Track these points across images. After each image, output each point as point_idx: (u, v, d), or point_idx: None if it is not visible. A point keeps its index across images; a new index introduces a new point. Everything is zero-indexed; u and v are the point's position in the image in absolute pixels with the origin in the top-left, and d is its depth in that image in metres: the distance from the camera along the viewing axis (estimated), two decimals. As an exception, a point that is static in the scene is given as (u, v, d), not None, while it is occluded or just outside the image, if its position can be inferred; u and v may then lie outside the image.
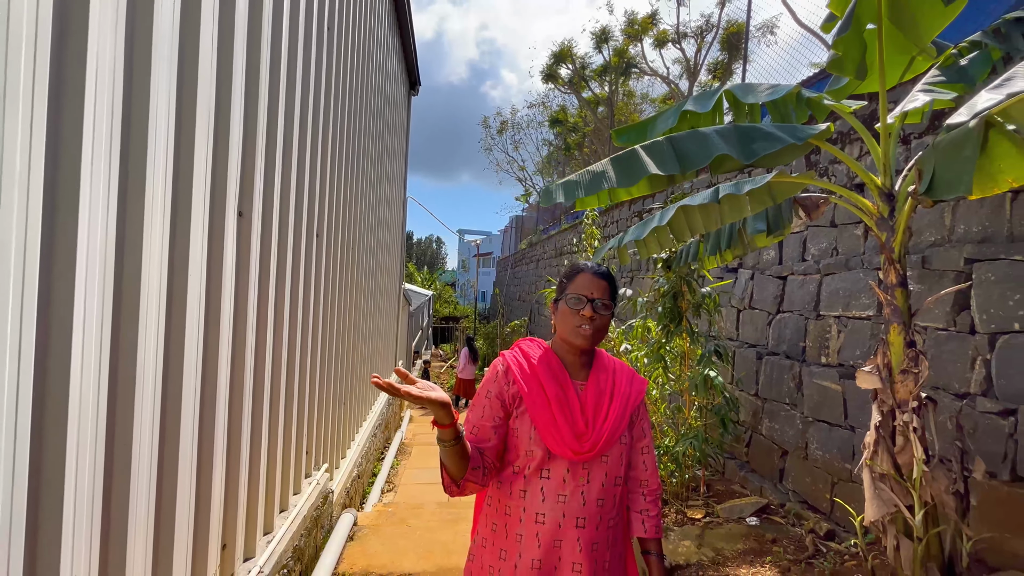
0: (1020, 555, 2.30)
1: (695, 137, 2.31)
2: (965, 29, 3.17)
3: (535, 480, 1.17)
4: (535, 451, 1.17)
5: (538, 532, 1.15)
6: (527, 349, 1.28)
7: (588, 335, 1.20)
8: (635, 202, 7.97)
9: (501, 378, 1.22)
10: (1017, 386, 2.46)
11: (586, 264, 1.27)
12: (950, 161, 1.64)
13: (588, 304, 1.20)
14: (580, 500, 1.17)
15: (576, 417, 1.19)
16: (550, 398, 1.18)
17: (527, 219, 24.07)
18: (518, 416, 1.19)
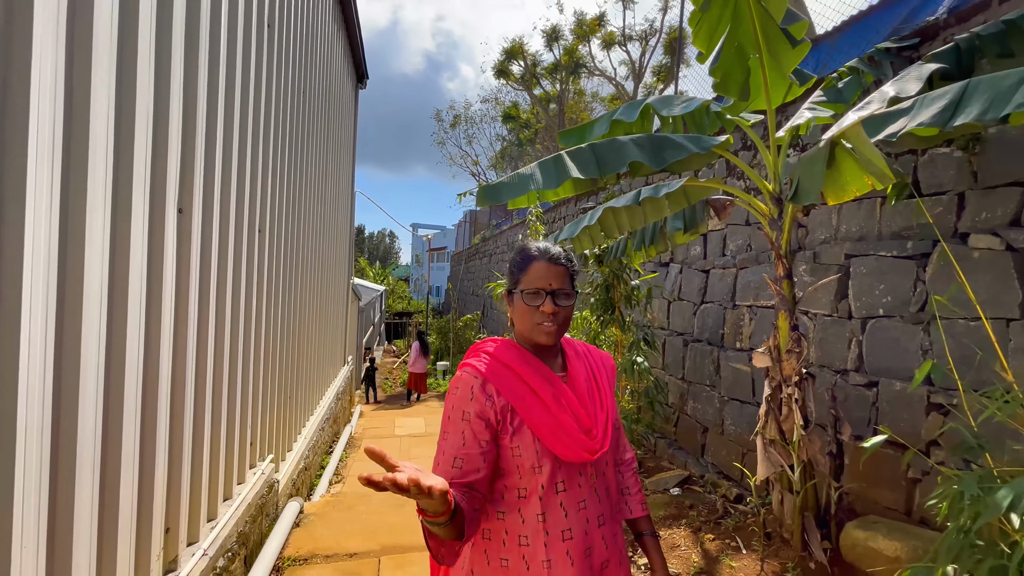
0: (879, 502, 2.74)
1: (613, 145, 2.57)
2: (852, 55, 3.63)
3: (552, 497, 1.02)
4: (544, 464, 1.02)
5: (568, 550, 1.02)
6: (493, 351, 1.10)
7: (552, 332, 1.06)
8: (580, 200, 8.31)
9: (479, 394, 1.02)
10: (881, 362, 2.90)
11: (538, 248, 1.10)
12: (807, 173, 1.97)
13: (548, 298, 1.05)
14: (596, 499, 1.08)
15: (579, 413, 1.06)
16: (546, 401, 1.04)
17: (481, 214, 24.18)
18: (515, 432, 1.02)
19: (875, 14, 3.70)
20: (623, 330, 4.17)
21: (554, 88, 19.90)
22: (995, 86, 1.65)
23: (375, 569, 2.64)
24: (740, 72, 2.27)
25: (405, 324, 23.21)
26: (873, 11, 3.73)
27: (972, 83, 1.74)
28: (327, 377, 6.03)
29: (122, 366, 1.62)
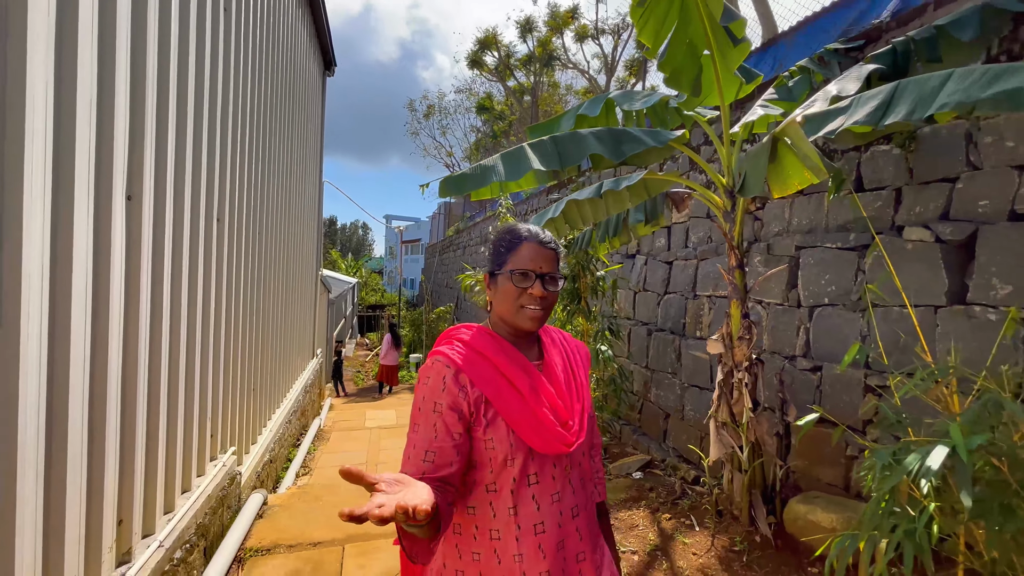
0: (821, 479, 2.91)
1: (574, 138, 2.62)
2: (806, 54, 3.77)
3: (524, 490, 0.99)
4: (517, 457, 0.98)
5: (540, 544, 0.98)
6: (468, 339, 1.05)
7: (538, 317, 1.02)
8: (551, 191, 8.38)
9: (451, 384, 0.97)
10: (825, 348, 3.07)
11: (529, 230, 1.06)
12: (752, 167, 2.06)
13: (537, 281, 1.01)
14: (570, 489, 1.04)
15: (556, 405, 1.03)
16: (522, 391, 1.00)
17: (455, 206, 24.03)
18: (489, 424, 0.98)
19: (827, 16, 3.85)
20: (589, 320, 4.26)
21: (528, 80, 19.87)
22: (921, 88, 1.77)
23: (339, 557, 2.66)
24: (692, 68, 2.34)
25: (378, 317, 22.95)
26: (826, 13, 3.88)
27: (902, 84, 1.86)
28: (295, 370, 5.95)
29: (67, 357, 1.59)
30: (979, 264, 2.36)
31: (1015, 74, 1.52)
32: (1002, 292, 2.25)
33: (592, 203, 3.36)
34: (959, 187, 2.52)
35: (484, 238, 12.85)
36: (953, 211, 2.54)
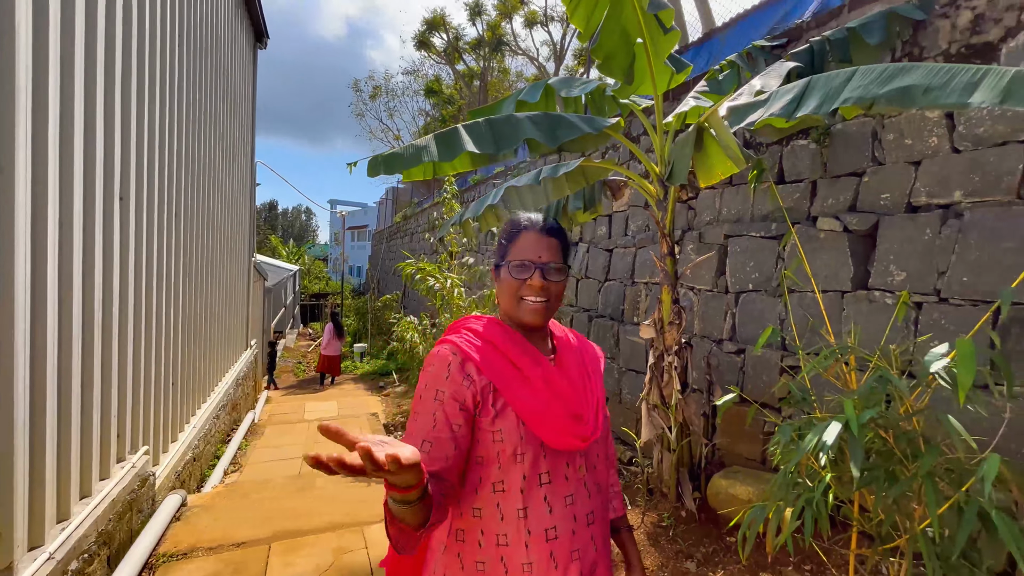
0: (742, 455, 3.09)
1: (509, 121, 2.58)
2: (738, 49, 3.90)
3: (535, 490, 0.92)
4: (527, 452, 0.92)
5: (552, 551, 0.91)
6: (477, 328, 1.00)
7: (540, 309, 0.96)
8: (497, 177, 8.32)
9: (456, 373, 0.92)
10: (749, 332, 3.24)
11: (528, 219, 1.00)
12: (679, 156, 2.11)
13: (536, 271, 0.95)
14: (585, 493, 0.97)
15: (568, 397, 0.97)
16: (533, 381, 0.95)
17: (403, 191, 23.41)
18: (498, 414, 0.92)
19: (756, 14, 4.01)
20: (530, 307, 4.28)
21: (477, 65, 19.55)
22: (829, 83, 1.86)
23: (264, 557, 2.54)
24: (625, 56, 2.36)
25: (322, 306, 22.10)
26: (755, 11, 4.04)
27: (813, 80, 1.95)
28: (225, 361, 5.60)
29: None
30: (880, 252, 2.55)
31: (908, 73, 1.62)
32: (898, 278, 2.45)
33: (531, 189, 3.35)
34: (865, 181, 2.71)
35: (431, 224, 12.62)
36: (860, 203, 2.73)
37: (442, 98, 20.45)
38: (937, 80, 1.54)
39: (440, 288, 4.57)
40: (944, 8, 2.42)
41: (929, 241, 2.34)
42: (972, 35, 2.32)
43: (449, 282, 4.54)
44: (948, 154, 2.37)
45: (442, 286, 4.57)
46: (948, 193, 2.33)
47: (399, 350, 7.40)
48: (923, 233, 2.37)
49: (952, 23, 2.39)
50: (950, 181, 2.33)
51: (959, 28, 2.37)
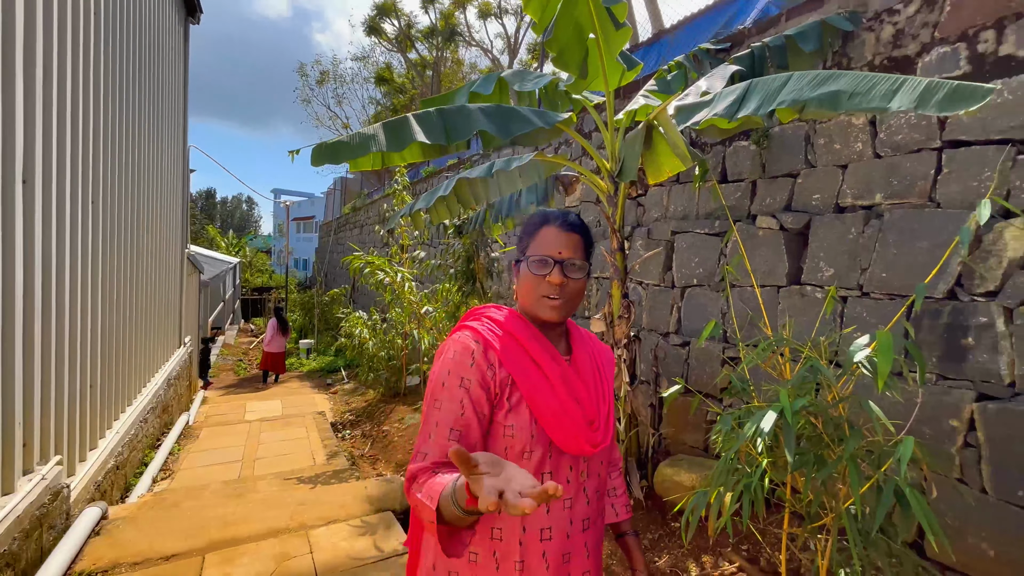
0: (687, 443, 3.22)
1: (461, 112, 2.53)
2: (685, 51, 4.01)
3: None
4: (535, 451, 0.91)
5: (545, 551, 0.91)
6: (498, 318, 0.99)
7: (558, 307, 0.95)
8: (451, 169, 8.20)
9: (480, 360, 0.91)
10: (693, 325, 3.38)
11: (551, 213, 0.99)
12: (629, 152, 2.15)
13: (556, 267, 0.94)
14: (584, 499, 0.96)
15: (583, 401, 0.96)
16: (553, 381, 0.93)
17: (352, 182, 22.65)
18: (512, 409, 0.91)
19: (703, 18, 4.15)
20: (484, 301, 4.25)
21: (430, 55, 19.14)
22: (767, 87, 1.95)
23: (197, 569, 2.37)
24: (579, 50, 2.36)
25: (265, 300, 21.05)
26: (702, 15, 4.18)
27: (753, 83, 2.03)
28: (154, 360, 5.19)
29: None
30: (811, 250, 2.72)
31: (837, 80, 1.72)
32: (827, 274, 2.62)
33: (483, 182, 3.31)
34: (799, 182, 2.87)
35: (381, 216, 12.27)
36: (794, 203, 2.89)
37: (393, 87, 19.90)
38: (862, 87, 1.64)
39: (390, 282, 4.45)
40: (870, 22, 2.59)
41: (854, 240, 2.52)
42: (893, 48, 2.50)
43: (400, 276, 4.43)
44: (871, 159, 2.55)
45: (392, 280, 4.45)
46: (871, 195, 2.51)
47: (348, 346, 7.17)
48: (849, 232, 2.54)
49: (876, 36, 2.57)
50: (872, 184, 2.51)
51: (882, 41, 2.55)
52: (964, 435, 2.02)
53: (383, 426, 5.84)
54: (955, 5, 2.29)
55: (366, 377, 7.19)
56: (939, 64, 2.32)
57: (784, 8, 3.18)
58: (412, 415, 5.23)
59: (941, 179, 2.27)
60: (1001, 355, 1.98)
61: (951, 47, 2.29)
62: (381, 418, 6.16)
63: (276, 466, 4.20)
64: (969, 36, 2.23)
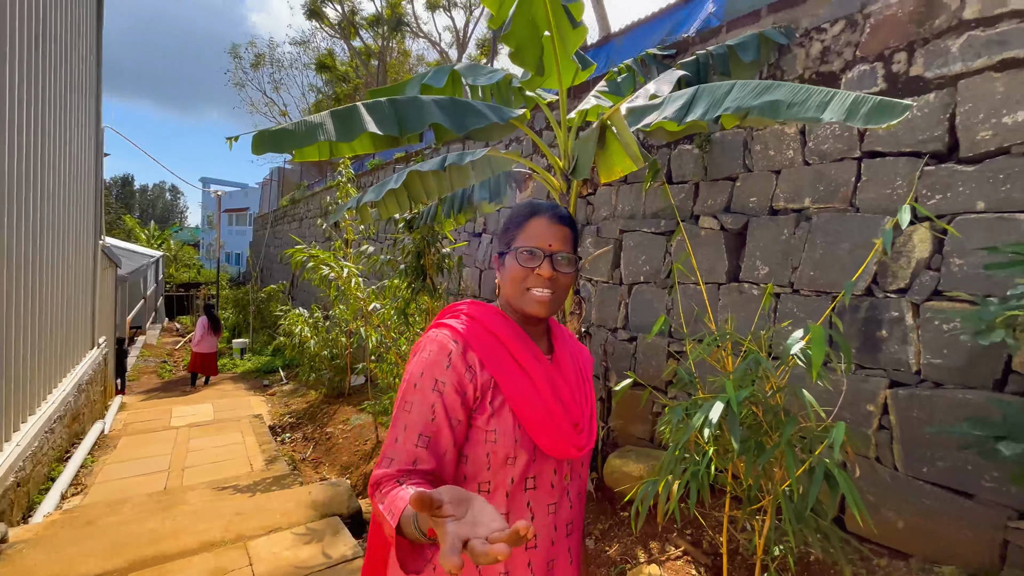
0: (634, 435, 3.34)
1: (415, 104, 2.46)
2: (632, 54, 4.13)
3: (520, 495, 0.88)
4: (519, 456, 0.87)
5: (530, 560, 0.88)
6: (478, 315, 0.94)
7: (547, 301, 0.91)
8: (399, 163, 7.99)
9: (458, 362, 0.86)
10: (640, 320, 3.50)
11: (539, 204, 0.95)
12: (582, 151, 2.18)
13: (546, 260, 0.90)
14: (567, 503, 0.93)
15: (568, 402, 0.93)
16: (537, 382, 0.90)
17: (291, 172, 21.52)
18: (494, 413, 0.86)
19: (649, 23, 4.30)
20: (434, 298, 4.17)
21: (375, 43, 18.53)
22: (713, 93, 2.04)
23: (119, 591, 2.17)
24: (535, 47, 2.37)
25: (192, 297, 19.58)
26: (648, 21, 4.33)
27: (700, 89, 2.12)
28: (61, 364, 4.67)
29: None
30: (748, 249, 2.89)
31: (776, 90, 1.83)
32: (762, 272, 2.80)
33: (436, 176, 3.24)
34: (738, 185, 3.05)
35: (324, 210, 11.76)
36: (733, 205, 3.06)
37: (336, 74, 19.09)
38: (798, 98, 1.76)
39: (336, 278, 4.26)
40: (801, 38, 2.79)
41: (786, 241, 2.70)
42: (821, 64, 2.71)
43: (346, 271, 4.25)
44: (801, 165, 2.74)
45: (338, 276, 4.27)
46: (801, 199, 2.71)
47: (287, 345, 6.82)
48: (782, 233, 2.73)
49: (807, 52, 2.77)
50: (802, 189, 2.71)
51: (811, 57, 2.75)
52: (879, 418, 2.23)
53: (326, 428, 5.61)
54: (873, 28, 2.51)
55: (307, 377, 6.88)
56: (860, 80, 2.54)
57: (725, 21, 3.35)
58: (358, 416, 5.07)
59: (861, 186, 2.48)
60: (910, 346, 2.20)
61: (870, 65, 2.51)
62: (324, 420, 5.92)
63: (209, 475, 3.92)
64: (885, 57, 2.45)
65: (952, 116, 2.22)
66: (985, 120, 2.12)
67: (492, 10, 2.28)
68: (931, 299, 2.16)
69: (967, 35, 2.19)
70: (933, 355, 2.13)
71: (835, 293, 2.47)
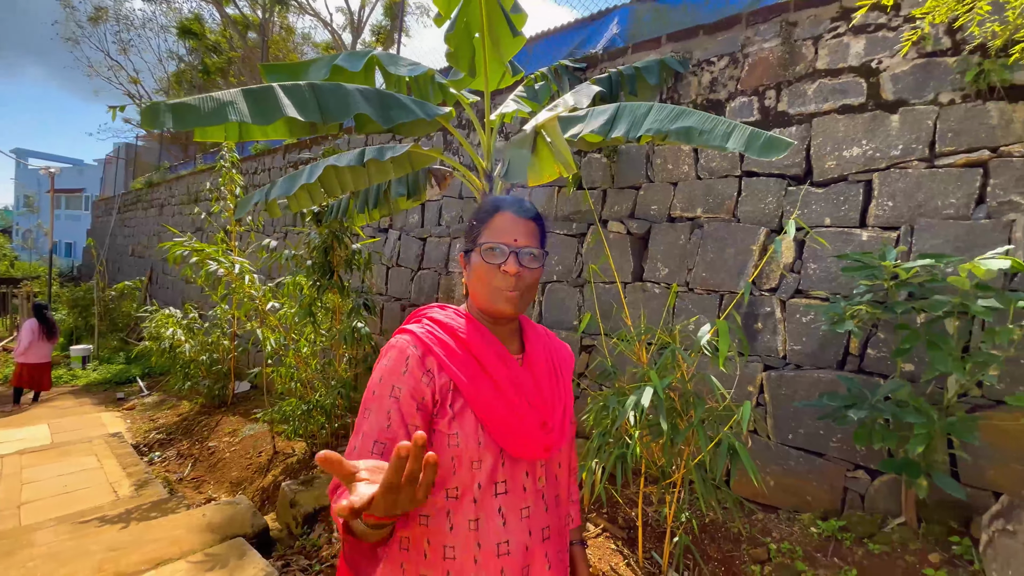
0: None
1: (338, 91, 2.33)
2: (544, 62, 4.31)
3: (489, 500, 0.85)
4: (484, 459, 0.85)
5: (503, 568, 0.85)
6: (442, 319, 0.93)
7: (514, 299, 0.89)
8: (290, 151, 7.36)
9: (415, 367, 0.85)
10: (555, 317, 3.69)
11: (504, 199, 0.94)
12: (516, 156, 2.26)
13: (511, 256, 0.89)
14: (543, 506, 0.91)
15: (535, 402, 0.91)
16: (499, 383, 0.88)
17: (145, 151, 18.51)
18: (455, 416, 0.85)
19: (559, 35, 4.53)
20: (343, 296, 3.95)
21: (254, 14, 16.72)
22: (633, 113, 2.25)
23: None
24: (468, 49, 2.38)
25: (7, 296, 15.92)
26: (557, 32, 4.56)
27: (621, 107, 2.32)
28: None
29: None
30: (651, 252, 3.22)
31: (688, 117, 2.09)
32: (663, 273, 3.14)
33: (353, 171, 3.09)
34: (641, 194, 3.37)
35: (192, 194, 10.37)
36: (637, 212, 3.38)
37: (205, 44, 16.84)
38: (707, 126, 2.02)
39: (225, 274, 3.81)
40: (695, 68, 3.17)
41: (683, 245, 3.07)
42: (710, 92, 3.11)
43: (238, 268, 3.82)
44: (694, 180, 3.13)
45: (227, 272, 3.82)
46: (694, 209, 3.09)
47: (154, 351, 5.92)
48: (679, 239, 3.09)
49: (699, 80, 3.16)
50: (695, 200, 3.09)
51: (703, 85, 3.14)
52: (757, 397, 2.66)
53: (208, 442, 5.00)
54: (750, 66, 2.95)
55: (180, 386, 6.03)
56: (740, 110, 2.97)
57: (629, 43, 3.68)
58: (251, 426, 4.60)
59: (741, 200, 2.91)
60: (779, 336, 2.65)
61: (748, 98, 2.95)
62: (204, 433, 5.27)
63: (59, 509, 3.27)
64: (759, 92, 2.91)
65: (808, 147, 2.72)
66: (831, 152, 2.63)
67: (441, 10, 2.25)
68: (794, 296, 2.62)
69: (819, 82, 2.69)
70: (795, 343, 2.59)
71: (723, 291, 2.87)
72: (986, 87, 2.22)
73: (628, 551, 2.34)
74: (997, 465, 1.97)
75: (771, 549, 2.18)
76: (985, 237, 2.16)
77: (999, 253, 1.77)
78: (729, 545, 2.29)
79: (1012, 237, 2.10)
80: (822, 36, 2.69)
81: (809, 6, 2.74)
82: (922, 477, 1.83)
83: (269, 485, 3.94)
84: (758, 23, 2.93)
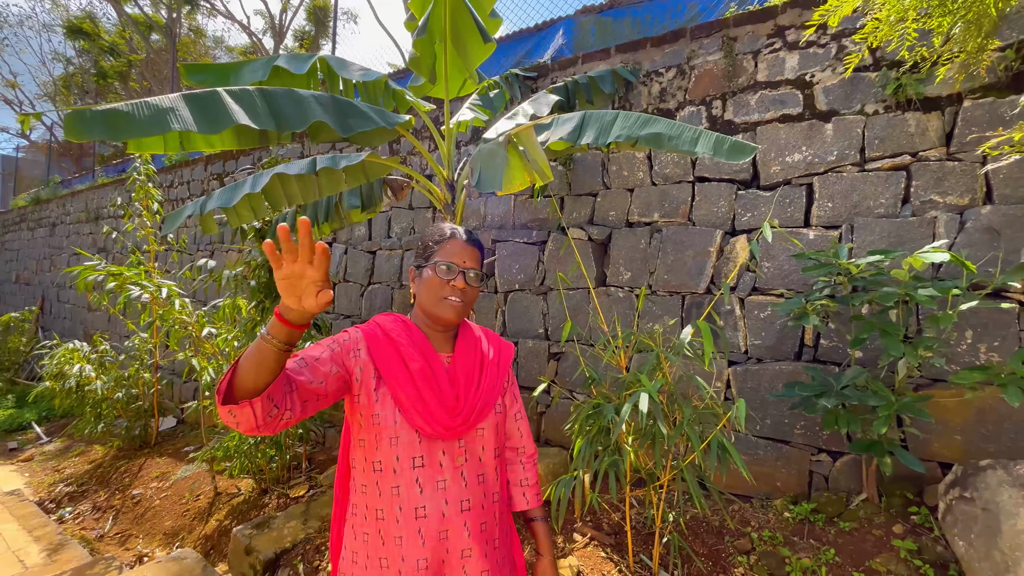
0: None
1: (292, 97, 2.15)
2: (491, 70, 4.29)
3: (408, 472, 1.05)
4: (401, 436, 1.05)
5: (420, 528, 1.04)
6: (384, 322, 1.15)
7: (459, 307, 1.13)
8: (212, 162, 6.78)
9: (350, 345, 1.09)
10: (518, 326, 3.65)
11: (455, 228, 1.18)
12: (488, 165, 2.21)
13: (460, 274, 1.12)
14: (461, 481, 1.09)
15: (445, 391, 1.09)
16: (413, 372, 1.08)
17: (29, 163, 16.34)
18: (379, 399, 1.06)
19: (506, 43, 4.54)
20: (289, 317, 3.66)
21: (158, 14, 15.35)
22: (600, 121, 2.27)
23: None
24: (430, 55, 2.30)
25: None
26: (505, 40, 4.57)
27: (587, 115, 2.34)
28: None
29: None
30: (612, 257, 3.28)
31: (656, 124, 2.14)
32: (626, 277, 3.21)
33: (302, 181, 2.88)
34: (599, 200, 3.43)
35: (92, 211, 9.26)
36: (596, 218, 3.43)
37: (100, 45, 15.21)
38: (675, 132, 2.09)
39: (150, 300, 3.39)
40: (645, 78, 3.29)
41: (643, 249, 3.15)
42: (660, 102, 3.24)
43: (165, 291, 3.42)
44: (649, 186, 3.24)
45: (153, 297, 3.40)
46: (651, 214, 3.19)
47: (58, 392, 5.16)
48: (639, 243, 3.17)
49: (649, 90, 3.28)
50: (652, 206, 3.20)
51: (653, 95, 3.27)
52: (724, 392, 2.77)
53: (131, 489, 4.44)
54: (697, 78, 3.11)
55: (91, 429, 5.30)
56: (689, 119, 3.12)
57: (577, 53, 3.75)
58: (187, 467, 4.12)
59: (695, 204, 3.05)
60: (739, 332, 2.79)
61: (696, 108, 3.10)
62: (125, 480, 4.67)
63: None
64: (707, 102, 3.07)
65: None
66: (775, 158, 2.82)
67: (416, 13, 2.14)
68: (752, 294, 2.77)
69: (760, 93, 2.89)
70: (755, 337, 2.74)
71: (684, 292, 2.98)
72: (904, 99, 2.48)
73: (618, 557, 2.33)
74: (942, 438, 2.19)
75: (754, 539, 2.27)
76: (912, 232, 2.41)
77: (936, 247, 1.97)
78: (713, 539, 2.36)
79: (935, 232, 2.36)
80: (760, 51, 2.89)
81: (747, 23, 2.94)
82: (886, 455, 1.99)
83: (213, 532, 3.55)
84: (702, 37, 3.10)
